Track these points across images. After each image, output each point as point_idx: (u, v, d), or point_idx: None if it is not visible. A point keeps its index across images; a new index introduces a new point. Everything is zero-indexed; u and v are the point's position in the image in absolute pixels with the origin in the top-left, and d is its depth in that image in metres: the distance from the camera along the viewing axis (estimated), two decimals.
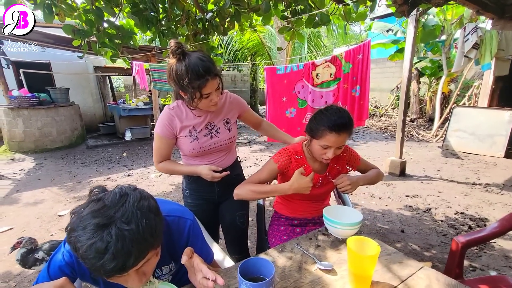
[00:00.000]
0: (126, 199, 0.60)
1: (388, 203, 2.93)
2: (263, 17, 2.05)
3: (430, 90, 7.17)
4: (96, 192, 0.62)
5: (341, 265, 0.89)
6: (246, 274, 0.72)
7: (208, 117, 1.21)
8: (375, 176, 1.26)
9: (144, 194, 0.64)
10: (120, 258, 0.55)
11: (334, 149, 1.10)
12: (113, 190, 0.62)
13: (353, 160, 1.29)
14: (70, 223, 0.59)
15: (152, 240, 0.61)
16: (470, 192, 3.12)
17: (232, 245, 1.49)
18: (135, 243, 0.57)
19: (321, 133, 1.10)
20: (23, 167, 4.57)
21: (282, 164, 1.21)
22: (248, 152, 5.21)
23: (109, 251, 0.54)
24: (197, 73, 1.00)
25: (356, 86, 3.06)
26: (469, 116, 4.70)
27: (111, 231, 0.55)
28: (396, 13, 1.53)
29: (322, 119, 1.10)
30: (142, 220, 0.59)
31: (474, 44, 3.64)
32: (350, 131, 1.11)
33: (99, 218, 0.56)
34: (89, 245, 0.54)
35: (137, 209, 0.59)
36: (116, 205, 0.58)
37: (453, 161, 4.30)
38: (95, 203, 0.59)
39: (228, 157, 1.33)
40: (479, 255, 2.00)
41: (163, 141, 1.21)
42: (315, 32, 7.44)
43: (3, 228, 2.58)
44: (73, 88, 6.48)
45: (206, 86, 1.03)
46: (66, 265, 0.73)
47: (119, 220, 0.56)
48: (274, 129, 1.52)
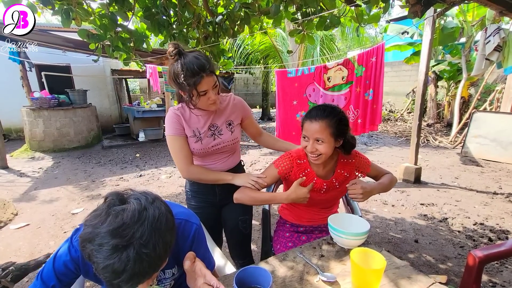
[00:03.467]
0: (145, 217, 0.59)
1: (401, 211, 2.82)
2: (273, 20, 2.04)
3: (449, 94, 6.90)
4: (112, 201, 0.61)
5: (345, 277, 0.85)
6: (244, 283, 0.70)
7: (211, 119, 1.22)
8: (389, 182, 1.21)
9: (161, 210, 0.63)
10: (136, 279, 0.58)
11: (312, 141, 1.07)
12: (131, 205, 0.60)
13: (363, 166, 1.23)
14: (85, 233, 0.57)
15: (165, 256, 0.63)
16: (490, 202, 2.96)
17: (235, 250, 1.47)
18: (152, 266, 0.59)
19: (302, 122, 1.13)
20: (42, 165, 4.76)
21: (283, 169, 1.18)
22: (258, 155, 5.19)
23: (127, 273, 0.56)
24: (192, 70, 1.03)
25: (369, 89, 2.99)
26: (491, 122, 4.48)
27: (129, 254, 0.55)
28: (409, 14, 1.47)
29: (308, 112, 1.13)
30: (159, 240, 0.59)
31: (496, 46, 3.46)
32: (328, 123, 1.04)
33: (118, 240, 0.55)
34: (107, 265, 0.55)
35: (155, 229, 0.59)
36: (136, 224, 0.57)
37: (472, 168, 4.10)
38: (113, 218, 0.57)
39: (232, 159, 1.33)
40: (500, 270, 1.88)
41: (178, 140, 1.19)
42: (328, 35, 7.36)
43: (20, 224, 2.68)
44: (90, 90, 6.72)
45: (201, 83, 1.04)
46: (71, 261, 0.74)
47: (138, 242, 0.56)
48: (274, 139, 1.49)
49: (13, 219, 2.80)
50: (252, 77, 13.30)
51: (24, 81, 5.66)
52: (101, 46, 2.03)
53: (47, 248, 2.28)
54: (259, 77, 12.42)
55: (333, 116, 1.06)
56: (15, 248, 2.28)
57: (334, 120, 1.06)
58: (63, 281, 0.76)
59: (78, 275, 0.77)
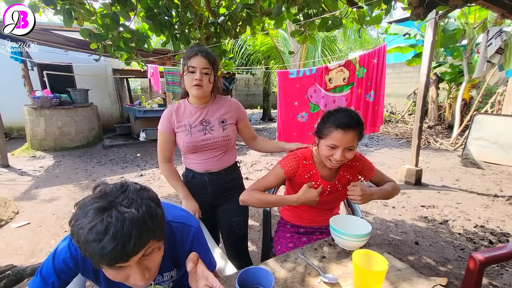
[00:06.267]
0: (127, 188, 0.62)
1: (402, 213, 2.82)
2: (275, 21, 2.04)
3: (450, 96, 6.90)
4: (99, 188, 0.64)
5: (347, 279, 0.85)
6: (245, 284, 0.70)
7: (204, 114, 1.28)
8: (391, 190, 1.19)
9: (144, 186, 0.66)
10: (120, 239, 0.55)
11: (342, 150, 1.04)
12: (114, 183, 0.64)
13: (367, 170, 1.22)
14: (74, 214, 0.60)
15: (152, 226, 0.60)
16: (491, 204, 2.95)
17: (231, 251, 1.47)
18: (135, 226, 0.57)
19: (327, 131, 1.06)
20: (43, 164, 4.77)
21: (288, 169, 1.17)
22: (259, 155, 5.19)
23: (109, 232, 0.54)
24: (193, 48, 1.19)
25: (371, 91, 2.99)
26: (492, 124, 4.47)
27: (111, 213, 0.56)
28: (412, 16, 1.47)
29: (329, 117, 1.07)
30: (142, 205, 0.59)
31: (498, 48, 3.46)
32: (358, 131, 1.05)
33: (100, 202, 0.57)
34: (89, 228, 0.55)
35: (138, 196, 0.61)
36: (117, 192, 0.60)
37: (473, 171, 4.09)
38: (97, 192, 0.61)
39: (224, 159, 1.34)
40: (500, 273, 1.87)
41: (163, 137, 1.29)
42: (330, 36, 7.36)
43: (21, 222, 2.69)
44: (92, 90, 6.73)
45: (193, 57, 1.16)
46: (70, 258, 0.74)
47: (119, 204, 0.57)
48: (266, 141, 1.50)
49: (14, 218, 2.81)
50: (253, 77, 13.31)
51: (26, 80, 5.68)
52: (102, 45, 2.04)
53: (48, 247, 2.28)
54: (260, 77, 12.43)
55: (361, 123, 1.06)
56: (16, 246, 2.28)
57: (362, 126, 1.06)
58: (62, 278, 0.75)
59: (76, 273, 0.77)
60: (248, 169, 4.37)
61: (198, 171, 1.32)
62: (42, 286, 0.74)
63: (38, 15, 1.85)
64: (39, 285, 0.73)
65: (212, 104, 1.30)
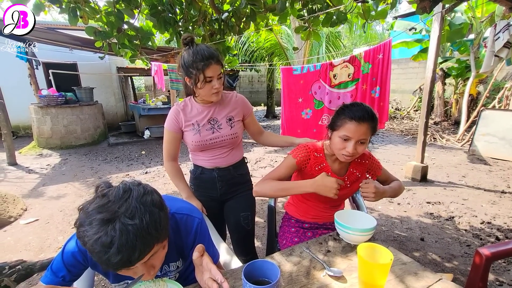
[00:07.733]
0: (130, 194, 0.61)
1: (407, 209, 2.80)
2: (279, 17, 2.03)
3: (457, 91, 6.80)
4: (102, 188, 0.64)
5: (352, 272, 0.85)
6: (251, 277, 0.71)
7: (211, 113, 1.26)
8: (398, 189, 1.20)
9: (147, 189, 0.65)
10: (125, 252, 0.57)
11: (355, 143, 1.03)
12: (117, 186, 0.64)
13: (375, 168, 1.23)
14: (78, 218, 0.61)
15: (156, 234, 0.61)
16: (498, 201, 2.92)
17: (238, 246, 1.48)
18: (139, 238, 0.58)
19: (341, 122, 1.06)
20: (49, 162, 4.84)
21: (300, 159, 1.17)
22: (263, 152, 5.20)
23: (114, 245, 0.56)
24: (202, 55, 1.09)
25: (376, 87, 2.96)
26: (500, 120, 4.40)
27: (115, 226, 0.57)
28: (418, 10, 1.45)
29: (344, 110, 1.07)
30: (146, 214, 0.60)
31: (506, 42, 3.39)
32: (372, 125, 1.04)
33: (104, 214, 0.58)
34: (95, 239, 0.56)
35: (141, 204, 0.61)
36: (120, 200, 0.60)
37: (480, 167, 4.04)
38: (100, 199, 0.61)
39: (232, 155, 1.34)
40: (507, 269, 1.86)
41: (170, 135, 1.28)
42: (334, 32, 7.30)
43: (29, 219, 2.74)
44: (97, 88, 6.79)
45: (209, 68, 1.10)
46: (79, 252, 0.76)
47: (123, 215, 0.58)
48: (274, 136, 1.50)
49: (22, 215, 2.86)
50: (257, 74, 13.28)
51: (32, 79, 5.75)
52: (107, 43, 2.05)
53: (56, 242, 2.33)
54: (264, 74, 12.39)
55: (375, 117, 1.06)
56: (25, 242, 2.33)
57: (376, 121, 1.06)
58: (72, 272, 0.78)
59: (86, 267, 0.80)
60: (252, 166, 4.38)
61: (207, 167, 1.33)
62: (53, 279, 0.76)
63: (44, 14, 1.87)
64: (50, 279, 0.76)
65: (218, 101, 1.29)
